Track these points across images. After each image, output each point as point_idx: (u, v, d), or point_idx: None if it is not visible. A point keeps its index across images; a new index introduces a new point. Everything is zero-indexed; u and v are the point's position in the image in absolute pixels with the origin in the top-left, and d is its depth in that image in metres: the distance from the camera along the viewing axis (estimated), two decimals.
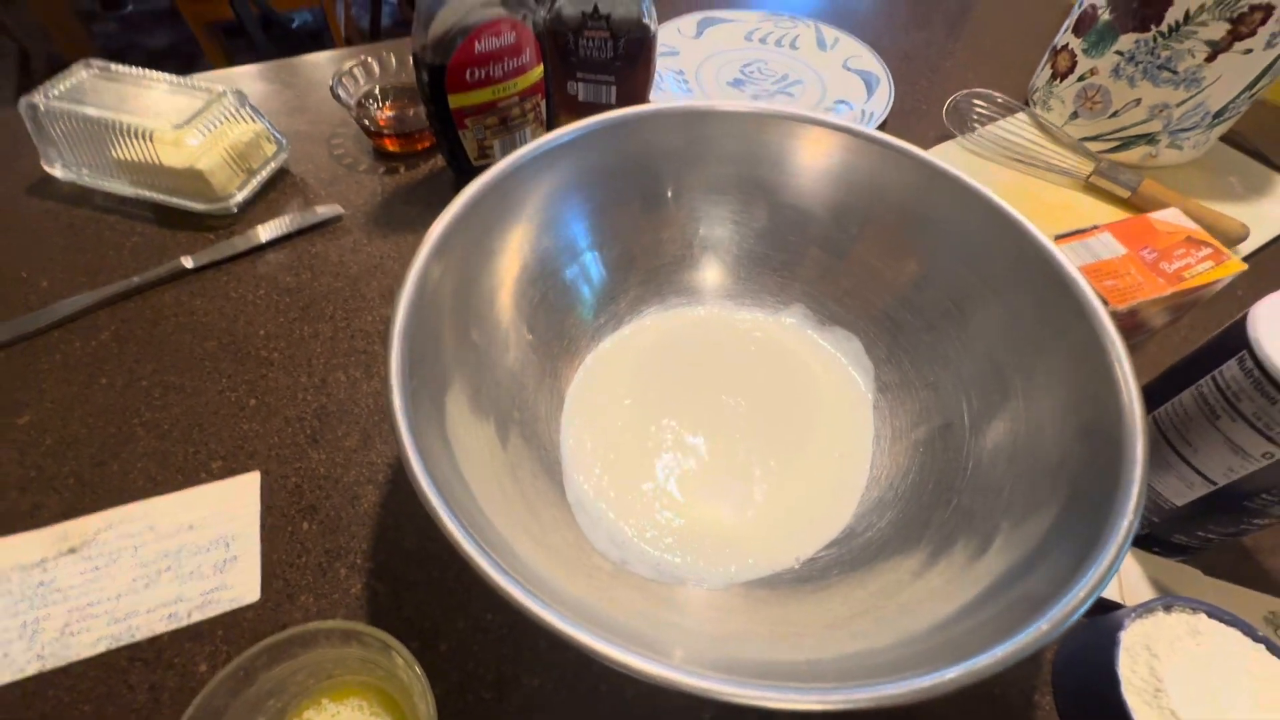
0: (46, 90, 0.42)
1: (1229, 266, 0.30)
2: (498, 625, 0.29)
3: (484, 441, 0.28)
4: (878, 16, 0.71)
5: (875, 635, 0.24)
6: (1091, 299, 0.27)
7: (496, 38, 0.39)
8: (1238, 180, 0.52)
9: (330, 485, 0.33)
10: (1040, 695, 0.28)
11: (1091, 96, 0.50)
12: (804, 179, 0.35)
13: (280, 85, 0.56)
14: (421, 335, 0.26)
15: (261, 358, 0.37)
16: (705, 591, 0.29)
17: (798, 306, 0.38)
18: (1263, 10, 0.41)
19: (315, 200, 0.46)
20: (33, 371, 0.36)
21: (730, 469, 0.33)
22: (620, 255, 0.36)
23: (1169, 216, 0.32)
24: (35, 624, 0.28)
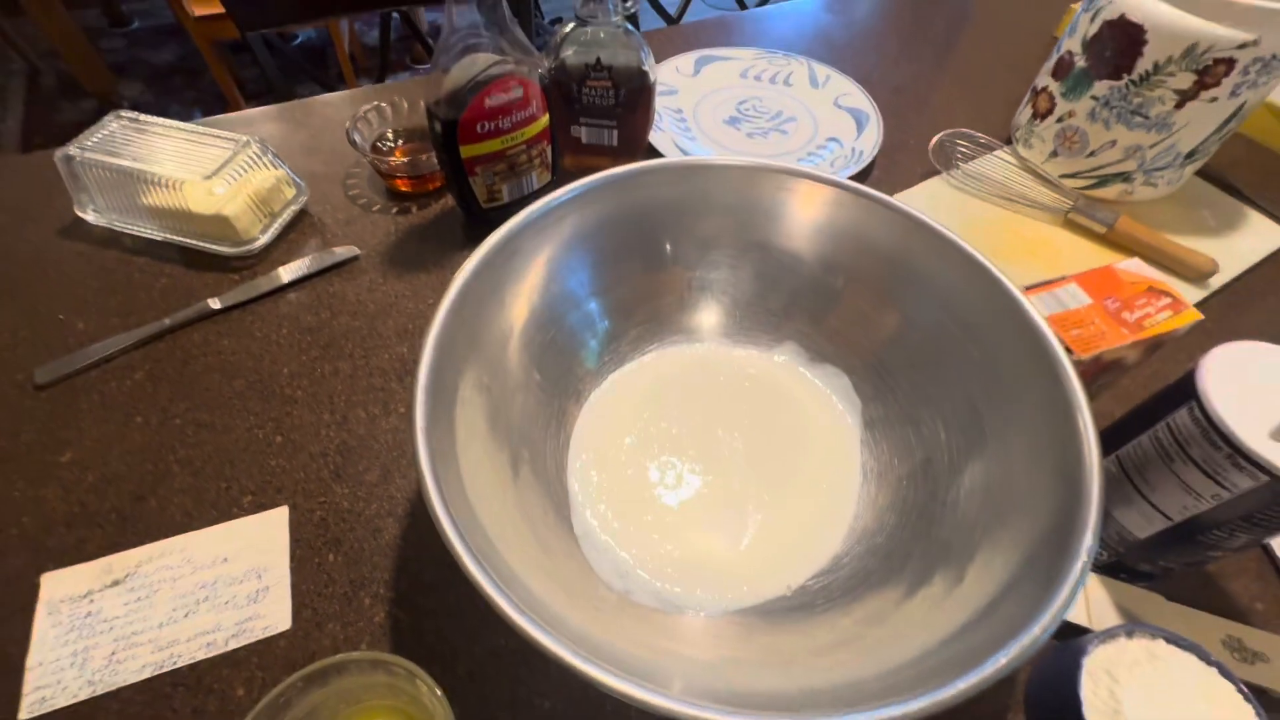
0: (80, 142, 0.45)
1: (1186, 316, 0.32)
2: (511, 650, 0.31)
3: (497, 481, 0.30)
4: (868, 51, 0.74)
5: (858, 665, 0.26)
6: (1058, 351, 0.30)
7: (505, 93, 0.42)
8: (1210, 214, 0.55)
9: (353, 519, 0.35)
10: (1014, 715, 0.31)
11: (1070, 137, 0.53)
12: (795, 229, 0.38)
13: (294, 125, 0.58)
14: (441, 384, 0.28)
15: (286, 395, 0.40)
16: (703, 619, 0.31)
17: (790, 344, 0.41)
18: (1225, 63, 0.43)
19: (333, 240, 0.49)
20: (73, 411, 0.38)
21: (726, 501, 0.36)
22: (622, 301, 0.39)
23: (1133, 267, 0.34)
24: (85, 652, 0.30)
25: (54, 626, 0.31)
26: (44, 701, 0.29)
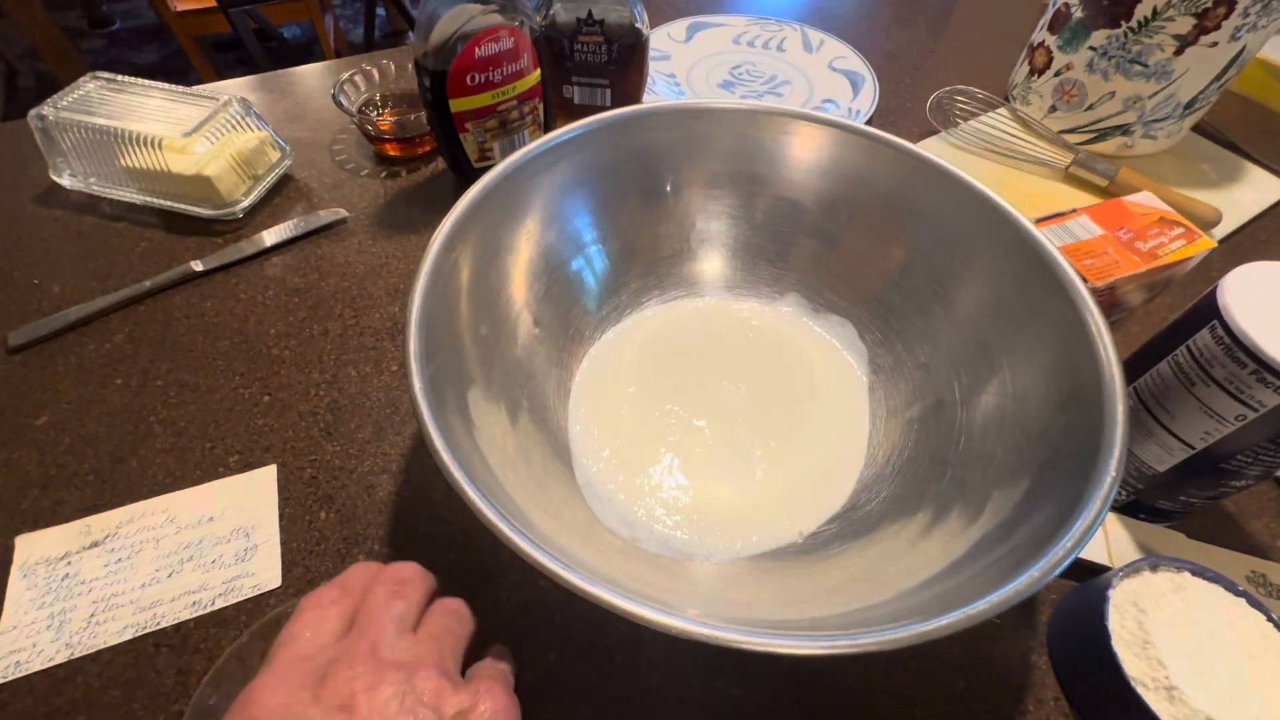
0: (55, 102, 0.43)
1: (1201, 244, 0.31)
2: (513, 603, 0.30)
3: (497, 425, 0.29)
4: (862, 18, 0.73)
5: (875, 595, 0.25)
6: (1072, 276, 0.29)
7: (495, 43, 0.41)
8: (1211, 168, 0.54)
9: (345, 475, 0.34)
10: (1037, 656, 0.30)
11: (1068, 90, 0.52)
12: (795, 172, 0.37)
13: (279, 95, 0.57)
14: (436, 324, 0.27)
15: (273, 356, 0.38)
16: (713, 565, 0.30)
17: (793, 295, 0.40)
18: (1225, 5, 0.43)
19: (320, 204, 0.47)
20: (49, 374, 0.37)
21: (733, 450, 0.34)
22: (622, 248, 0.38)
23: (1142, 199, 0.34)
24: (62, 615, 0.29)
25: (29, 589, 0.29)
26: (18, 665, 0.27)
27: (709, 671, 0.28)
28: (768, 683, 0.28)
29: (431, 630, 0.21)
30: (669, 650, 0.29)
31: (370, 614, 0.20)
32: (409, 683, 0.18)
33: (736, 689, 0.28)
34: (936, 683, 0.29)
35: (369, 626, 0.19)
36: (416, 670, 0.19)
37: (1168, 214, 0.33)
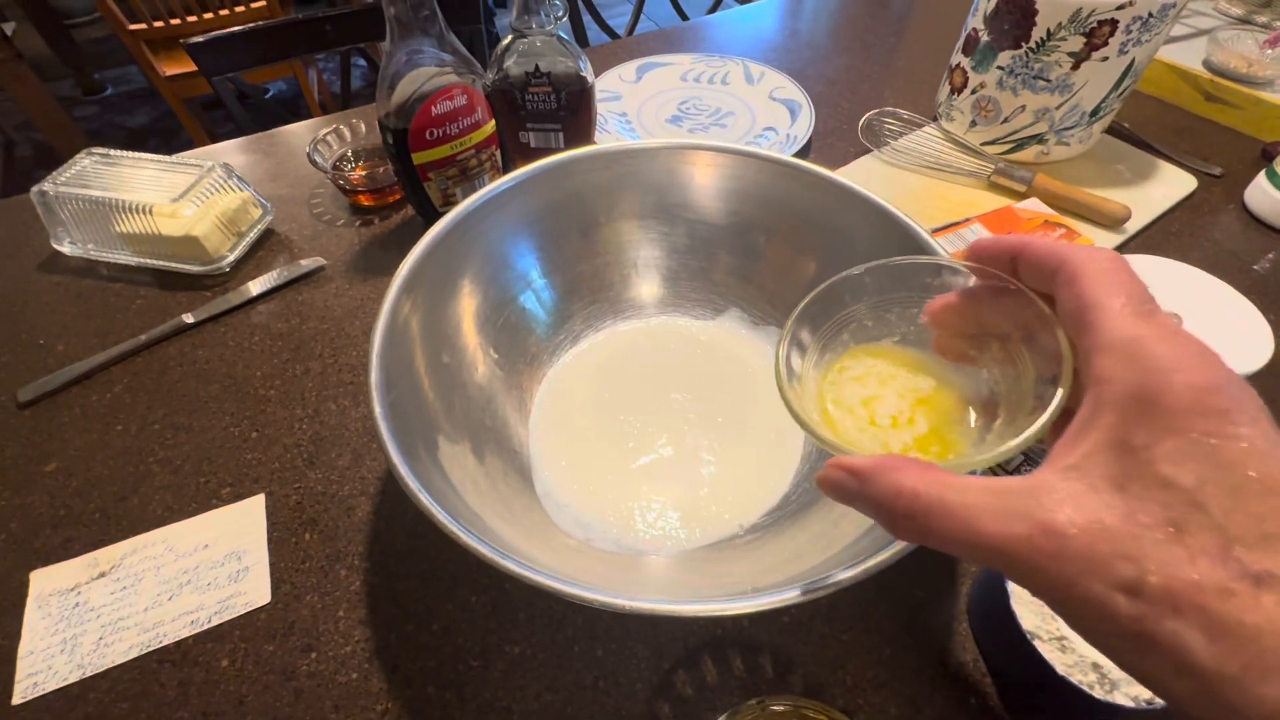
0: (54, 178, 0.47)
1: (1081, 243, 0.35)
2: (482, 605, 0.33)
3: (459, 447, 0.33)
4: (801, 48, 0.78)
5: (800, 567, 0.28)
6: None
7: (450, 101, 0.45)
8: (1125, 168, 0.59)
9: (328, 500, 0.37)
10: (958, 624, 0.33)
11: (984, 106, 0.57)
12: (717, 200, 0.41)
13: (261, 155, 0.61)
14: (397, 357, 0.31)
15: (260, 395, 0.42)
16: (662, 559, 0.33)
17: (733, 310, 0.44)
18: (1109, 24, 0.47)
19: (299, 254, 0.51)
20: (56, 425, 0.40)
21: (681, 454, 0.38)
22: (569, 281, 0.41)
23: (1029, 205, 0.37)
24: (74, 639, 0.32)
25: (44, 618, 0.32)
26: (35, 686, 0.30)
27: (657, 654, 0.31)
28: (710, 663, 0.31)
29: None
30: (622, 638, 0.32)
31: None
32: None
33: (681, 669, 0.31)
34: (866, 651, 0.32)
35: None
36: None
37: (1052, 217, 0.37)
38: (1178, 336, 0.15)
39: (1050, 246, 0.18)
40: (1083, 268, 0.17)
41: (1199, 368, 0.14)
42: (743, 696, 0.30)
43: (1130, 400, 0.14)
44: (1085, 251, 0.17)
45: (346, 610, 0.33)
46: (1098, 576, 0.13)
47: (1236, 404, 0.13)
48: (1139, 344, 0.15)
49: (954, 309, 0.21)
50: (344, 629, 0.32)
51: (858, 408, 0.22)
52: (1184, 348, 0.14)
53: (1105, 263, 0.17)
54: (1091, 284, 0.16)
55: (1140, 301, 0.16)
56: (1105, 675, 0.27)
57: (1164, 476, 0.13)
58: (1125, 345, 0.15)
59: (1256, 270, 0.50)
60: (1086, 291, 0.16)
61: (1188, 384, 0.14)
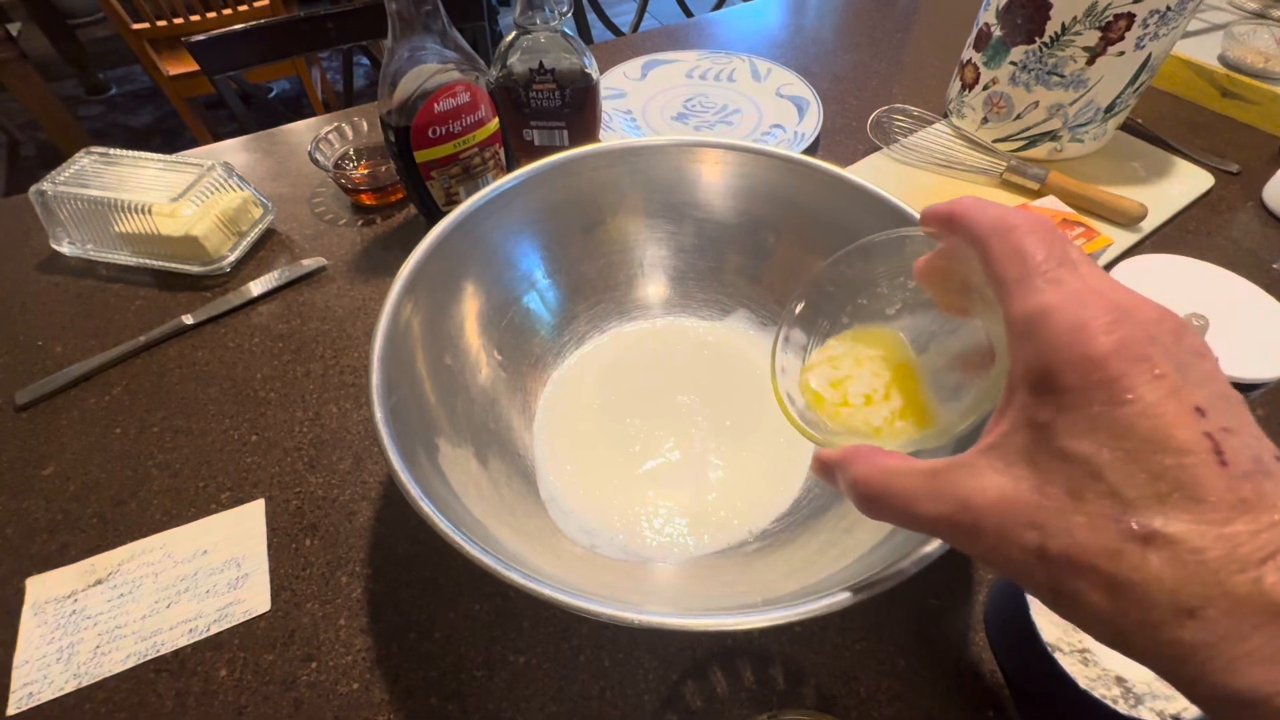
0: (53, 177, 0.47)
1: (1099, 242, 0.34)
2: (485, 613, 0.32)
3: (462, 450, 0.32)
4: (807, 44, 0.77)
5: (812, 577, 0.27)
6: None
7: (453, 98, 0.44)
8: (1140, 165, 0.57)
9: (328, 505, 0.36)
10: (975, 634, 0.32)
11: (996, 103, 0.56)
12: (725, 198, 0.40)
13: (262, 154, 0.61)
14: (399, 360, 0.30)
15: (260, 398, 0.41)
16: (670, 566, 0.32)
17: (741, 311, 0.43)
18: (1125, 18, 0.46)
19: (301, 254, 0.51)
20: (54, 428, 0.40)
21: (688, 458, 0.37)
22: (574, 280, 0.41)
23: (1047, 203, 0.36)
24: (70, 648, 0.31)
25: (39, 626, 0.32)
26: (31, 696, 0.30)
27: (665, 665, 0.30)
28: (719, 674, 0.30)
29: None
30: (629, 648, 0.31)
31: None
32: None
33: (690, 680, 0.30)
34: (880, 662, 0.31)
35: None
36: None
37: (1070, 215, 0.36)
38: (1082, 300, 0.14)
39: (968, 216, 0.18)
40: (987, 241, 0.17)
41: (1096, 334, 0.14)
42: (753, 709, 0.29)
43: (1032, 380, 0.15)
44: (989, 221, 0.17)
45: (348, 618, 0.32)
46: (1014, 545, 0.15)
47: (1131, 366, 0.13)
48: (1036, 321, 0.15)
49: (934, 269, 0.21)
50: (345, 638, 0.31)
51: (836, 389, 0.24)
52: (1086, 312, 0.14)
53: (1006, 233, 0.16)
54: (995, 259, 0.16)
55: (1045, 267, 0.15)
56: (1129, 690, 0.26)
57: (1065, 450, 0.14)
58: (1025, 323, 0.15)
59: (1276, 269, 0.49)
60: (992, 267, 0.16)
61: (1080, 358, 0.14)
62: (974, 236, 0.17)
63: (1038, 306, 0.15)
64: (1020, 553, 0.15)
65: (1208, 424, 0.13)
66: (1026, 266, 0.15)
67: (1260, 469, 0.13)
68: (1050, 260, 0.15)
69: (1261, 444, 0.13)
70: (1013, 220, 0.16)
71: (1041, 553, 0.14)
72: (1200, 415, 0.13)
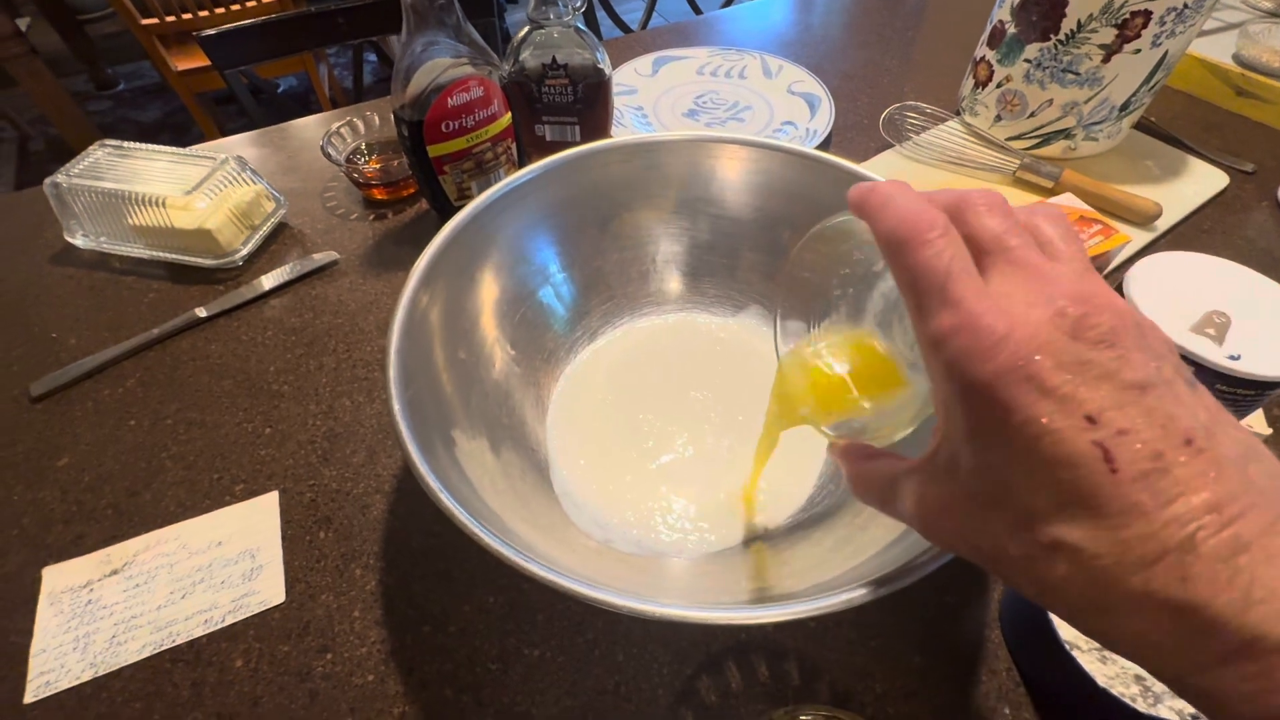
0: (67, 170, 0.47)
1: (1116, 239, 0.34)
2: (499, 606, 0.32)
3: (477, 443, 0.32)
4: (819, 42, 0.77)
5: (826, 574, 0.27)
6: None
7: (466, 93, 0.44)
8: (1154, 164, 0.57)
9: (342, 498, 0.36)
10: (990, 631, 0.32)
11: (1010, 100, 0.55)
12: (740, 193, 0.40)
13: (273, 149, 0.61)
14: (414, 352, 0.30)
15: (273, 391, 0.41)
16: (683, 561, 0.32)
17: (754, 308, 0.43)
18: (1142, 15, 0.46)
19: (313, 248, 0.51)
20: (68, 419, 0.40)
21: (701, 454, 0.37)
22: (587, 276, 0.41)
23: (1064, 200, 0.36)
24: (86, 637, 0.31)
25: (56, 615, 0.32)
26: (48, 685, 0.30)
27: (680, 660, 0.30)
28: (734, 669, 0.30)
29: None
30: (643, 642, 0.31)
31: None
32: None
33: (704, 675, 0.30)
34: (895, 659, 0.31)
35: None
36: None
37: (1087, 212, 0.35)
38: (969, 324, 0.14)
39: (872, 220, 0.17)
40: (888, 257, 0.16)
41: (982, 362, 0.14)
42: (767, 704, 0.29)
43: (941, 407, 0.16)
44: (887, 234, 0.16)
45: (362, 610, 0.32)
46: (959, 545, 0.17)
47: (1015, 390, 0.14)
48: (933, 348, 0.15)
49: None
50: (360, 630, 0.32)
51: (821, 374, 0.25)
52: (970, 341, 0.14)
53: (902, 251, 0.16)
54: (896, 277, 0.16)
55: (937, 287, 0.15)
56: (1149, 688, 0.26)
57: (980, 468, 0.15)
58: (926, 347, 0.16)
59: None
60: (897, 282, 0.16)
61: (967, 388, 0.14)
62: (879, 244, 0.17)
63: (930, 337, 0.15)
64: (966, 550, 0.16)
65: (1097, 432, 0.13)
66: (920, 290, 0.15)
67: (1159, 466, 0.13)
68: (941, 278, 0.15)
69: (1167, 435, 0.13)
70: (904, 233, 0.16)
71: (979, 553, 0.16)
72: (1090, 424, 0.13)
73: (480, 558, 0.34)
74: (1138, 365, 0.14)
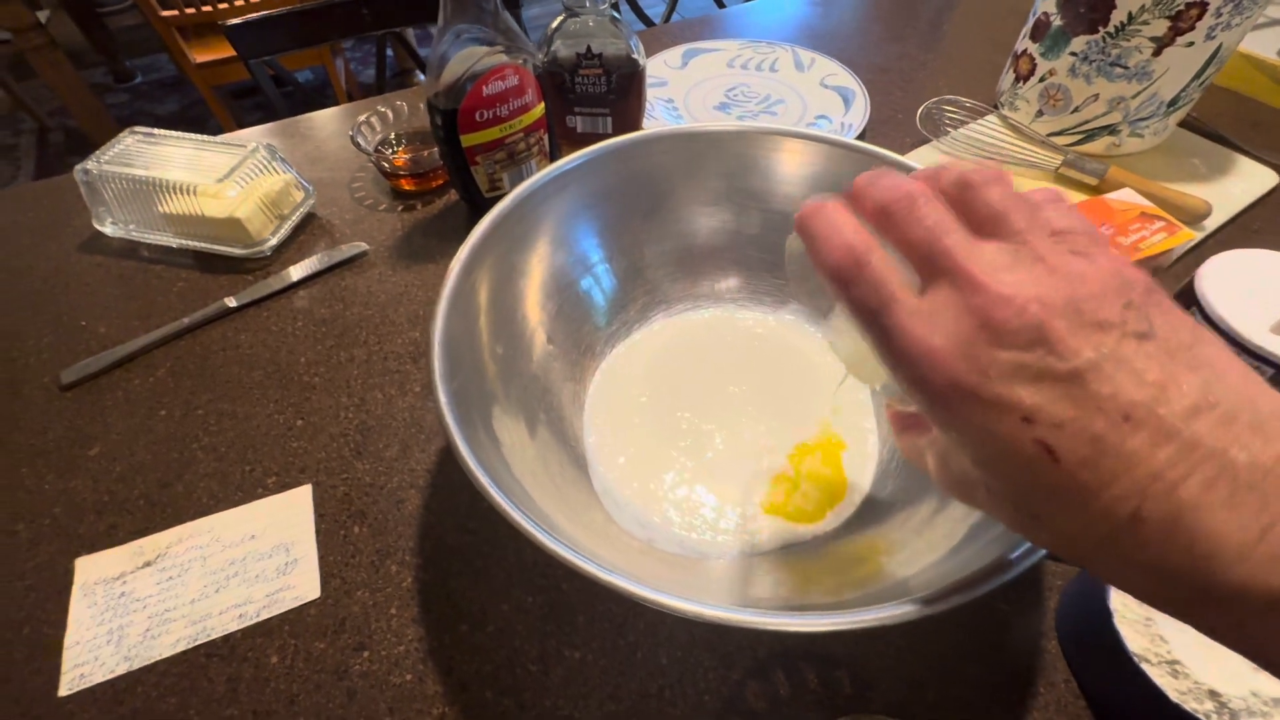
0: (98, 156, 0.46)
1: (1181, 236, 0.33)
2: (538, 606, 0.31)
3: (517, 437, 0.31)
4: (852, 35, 0.76)
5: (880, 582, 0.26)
6: None
7: (501, 81, 0.43)
8: (1201, 162, 0.56)
9: (375, 492, 0.36)
10: (1046, 641, 0.31)
11: (1053, 95, 0.54)
12: (788, 186, 0.39)
13: (300, 139, 0.60)
14: (457, 345, 0.29)
15: (304, 382, 0.41)
16: (726, 563, 0.31)
17: (795, 304, 0.42)
18: (1198, 6, 0.45)
19: (341, 239, 0.50)
20: (99, 408, 0.39)
21: (741, 452, 0.36)
22: (628, 266, 0.40)
23: (1124, 196, 0.35)
24: (120, 630, 0.31)
25: (89, 607, 0.31)
26: (83, 678, 0.29)
27: (725, 664, 0.30)
28: (782, 675, 0.29)
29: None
30: (687, 645, 0.30)
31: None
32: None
33: (752, 681, 0.29)
34: (949, 668, 0.30)
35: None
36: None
37: (1149, 209, 0.34)
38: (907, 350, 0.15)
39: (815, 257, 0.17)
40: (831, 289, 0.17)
41: (929, 381, 0.15)
42: (819, 713, 0.28)
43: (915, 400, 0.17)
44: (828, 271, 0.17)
45: (399, 608, 0.31)
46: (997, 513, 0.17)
47: (963, 402, 0.15)
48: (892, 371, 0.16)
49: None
50: (396, 627, 0.31)
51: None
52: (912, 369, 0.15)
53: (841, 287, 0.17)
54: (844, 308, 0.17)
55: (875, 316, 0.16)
56: (1224, 704, 0.25)
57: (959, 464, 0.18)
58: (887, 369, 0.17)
59: None
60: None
61: (926, 403, 0.16)
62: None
63: (884, 360, 0.16)
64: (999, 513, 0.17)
65: (1035, 430, 0.14)
66: (863, 323, 0.16)
67: (1098, 449, 0.13)
68: (876, 313, 0.16)
69: (1105, 415, 0.14)
70: (838, 270, 0.16)
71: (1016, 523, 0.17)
72: (1027, 424, 0.14)
73: (517, 556, 0.33)
74: (1069, 353, 0.14)
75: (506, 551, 0.33)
